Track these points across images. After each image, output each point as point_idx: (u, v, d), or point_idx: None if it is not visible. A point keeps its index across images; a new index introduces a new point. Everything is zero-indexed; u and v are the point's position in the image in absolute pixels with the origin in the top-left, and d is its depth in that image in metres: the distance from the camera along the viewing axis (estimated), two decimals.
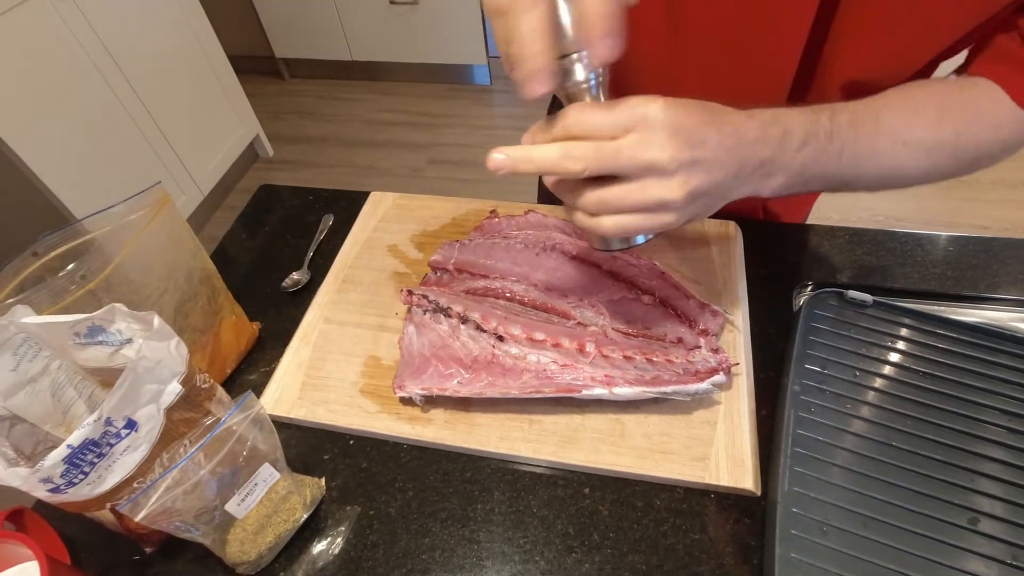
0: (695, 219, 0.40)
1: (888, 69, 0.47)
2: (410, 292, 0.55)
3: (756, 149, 0.39)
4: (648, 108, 0.35)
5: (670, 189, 0.36)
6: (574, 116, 0.36)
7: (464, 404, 0.51)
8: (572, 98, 0.38)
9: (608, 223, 0.38)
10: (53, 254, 0.44)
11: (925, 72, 0.49)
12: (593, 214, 0.39)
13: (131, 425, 0.37)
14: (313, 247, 0.67)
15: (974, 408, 0.46)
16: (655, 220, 0.38)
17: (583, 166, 0.36)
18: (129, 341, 0.41)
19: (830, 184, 0.45)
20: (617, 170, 0.36)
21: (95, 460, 0.36)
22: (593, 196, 0.38)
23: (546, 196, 0.83)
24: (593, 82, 0.37)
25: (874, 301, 0.53)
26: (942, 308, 0.58)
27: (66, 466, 0.35)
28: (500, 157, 0.37)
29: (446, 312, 0.53)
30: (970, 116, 0.45)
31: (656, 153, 0.35)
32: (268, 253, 0.68)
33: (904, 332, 0.52)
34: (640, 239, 0.41)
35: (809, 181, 0.43)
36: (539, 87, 0.34)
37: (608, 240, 0.42)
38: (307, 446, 0.51)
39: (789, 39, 0.49)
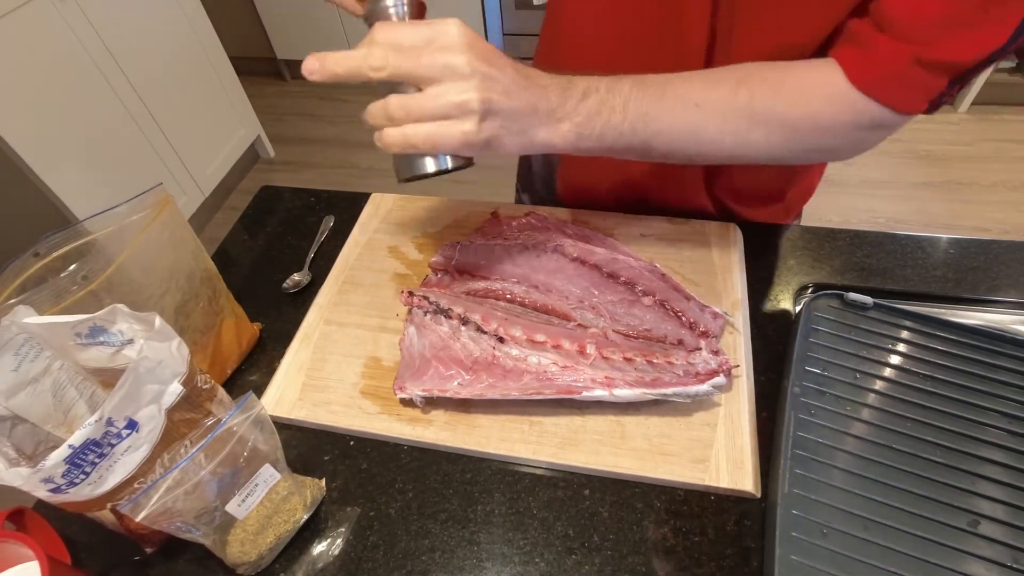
0: (496, 146, 0.42)
1: (784, 44, 0.48)
2: (411, 293, 0.55)
3: (546, 94, 0.43)
4: (448, 24, 0.39)
5: (467, 90, 0.39)
6: (381, 31, 0.40)
7: (464, 405, 0.51)
8: (379, 20, 0.42)
9: (412, 132, 0.40)
10: (55, 255, 0.44)
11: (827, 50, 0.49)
12: (399, 124, 0.41)
13: (132, 425, 0.37)
14: (314, 248, 0.67)
15: (974, 411, 0.46)
16: (456, 128, 0.40)
17: (383, 64, 0.39)
18: (130, 342, 0.41)
19: (630, 142, 0.46)
20: (416, 71, 0.39)
21: (96, 460, 0.36)
22: (396, 101, 0.40)
23: (530, 199, 0.84)
24: (402, 7, 0.42)
25: (874, 303, 0.53)
26: (942, 310, 0.58)
27: (67, 466, 0.35)
28: (312, 62, 0.40)
29: (447, 313, 0.53)
30: (770, 87, 0.47)
31: (454, 56, 0.39)
32: (269, 254, 0.68)
33: (904, 334, 0.52)
34: (445, 163, 0.44)
35: (604, 135, 0.45)
36: None
37: (414, 163, 0.44)
38: (307, 447, 0.51)
39: (693, 9, 0.50)
